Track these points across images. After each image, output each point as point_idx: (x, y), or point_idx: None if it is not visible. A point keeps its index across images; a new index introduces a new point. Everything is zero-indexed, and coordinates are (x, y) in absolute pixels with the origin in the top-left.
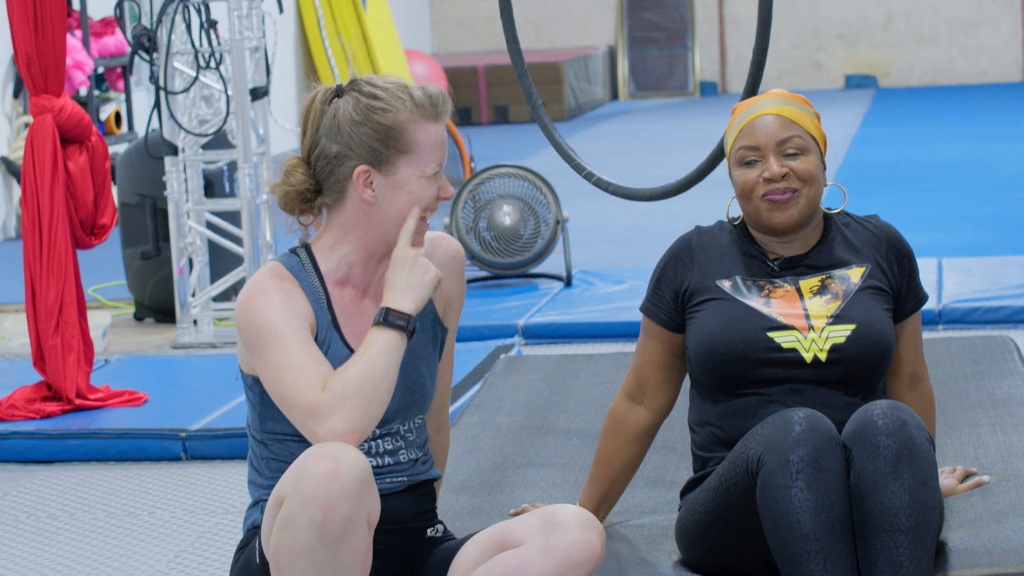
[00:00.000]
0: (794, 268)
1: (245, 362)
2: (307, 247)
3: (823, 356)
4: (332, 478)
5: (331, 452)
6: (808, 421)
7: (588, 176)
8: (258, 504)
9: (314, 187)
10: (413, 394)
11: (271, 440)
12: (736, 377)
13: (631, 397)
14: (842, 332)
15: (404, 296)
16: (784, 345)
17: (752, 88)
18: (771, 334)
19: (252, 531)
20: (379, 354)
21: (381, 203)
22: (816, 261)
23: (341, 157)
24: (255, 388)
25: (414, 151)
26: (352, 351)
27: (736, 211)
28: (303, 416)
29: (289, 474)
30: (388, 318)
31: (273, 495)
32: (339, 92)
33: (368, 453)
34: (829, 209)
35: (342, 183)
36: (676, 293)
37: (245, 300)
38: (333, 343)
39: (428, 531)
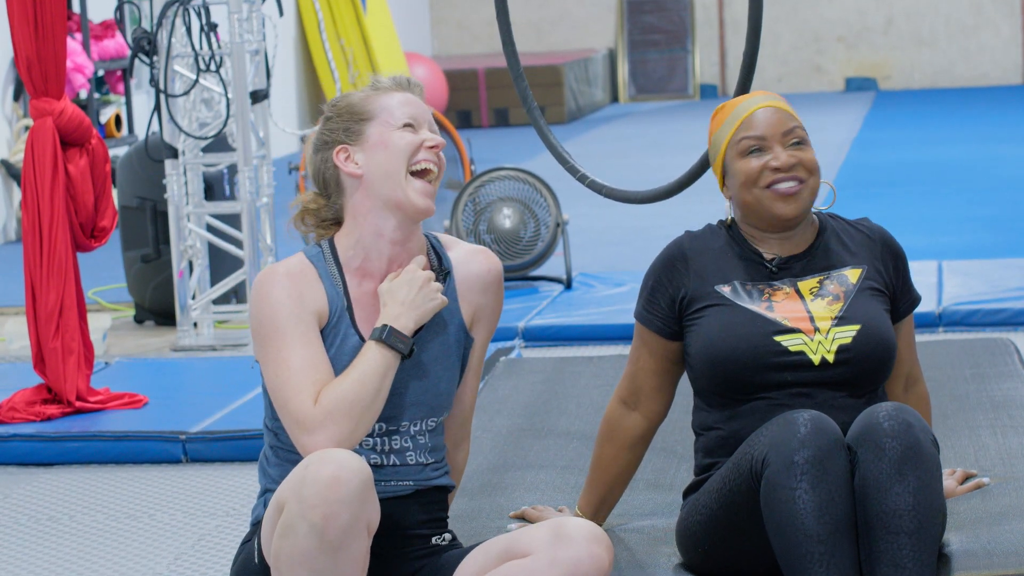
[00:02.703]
0: (790, 269)
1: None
2: (330, 239)
3: (831, 357)
4: (334, 485)
5: (333, 458)
6: (813, 423)
7: (582, 178)
8: (265, 495)
9: (326, 202)
10: (426, 393)
11: (280, 429)
12: (743, 383)
13: (625, 403)
14: (848, 333)
15: (405, 315)
16: (791, 348)
17: (743, 92)
18: (778, 338)
19: (256, 526)
20: (372, 374)
21: (368, 168)
22: (812, 262)
23: (326, 156)
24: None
25: (379, 114)
26: (360, 336)
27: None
28: (291, 424)
29: (290, 479)
30: (388, 337)
31: (273, 500)
32: None
33: (373, 450)
34: (820, 209)
35: (335, 174)
36: (673, 300)
37: (256, 286)
38: (345, 329)
39: (434, 539)
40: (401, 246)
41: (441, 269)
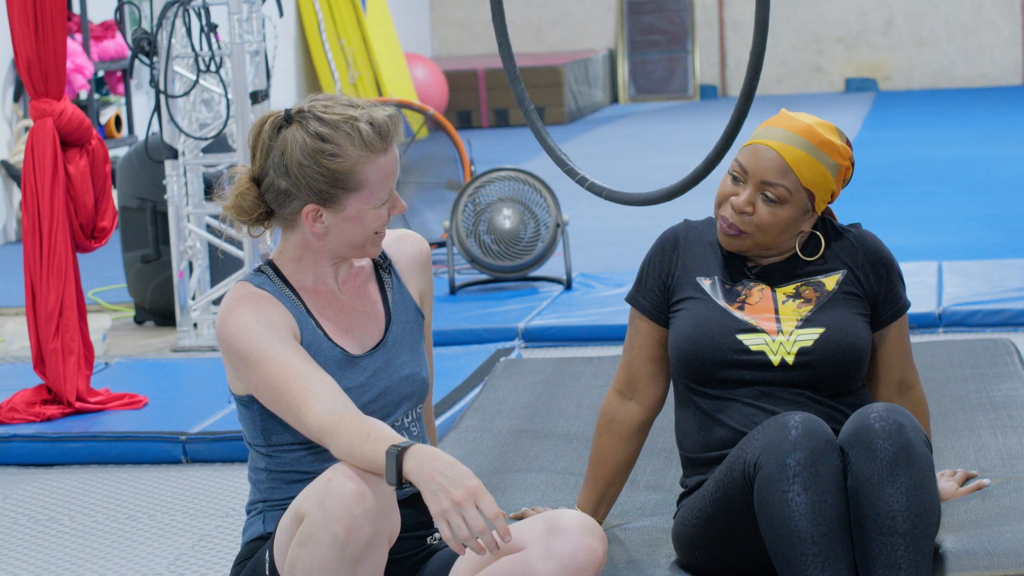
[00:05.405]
0: (771, 277)
1: (235, 384)
2: (271, 263)
3: (790, 359)
4: (359, 498)
5: (358, 472)
6: (804, 425)
7: (581, 181)
8: (258, 516)
9: (265, 211)
10: (413, 383)
11: (277, 452)
12: (705, 378)
13: (622, 394)
14: (810, 336)
15: (429, 484)
16: (752, 347)
17: (748, 93)
18: (740, 336)
19: (252, 544)
20: (360, 457)
21: (333, 233)
22: (793, 269)
23: (290, 194)
24: (253, 406)
25: (363, 188)
26: (340, 348)
27: None
28: (317, 435)
29: (312, 491)
30: (398, 473)
31: (292, 511)
32: (288, 119)
33: None
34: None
35: (292, 216)
36: (662, 284)
37: (221, 325)
38: (321, 345)
39: (427, 539)
40: (349, 261)
41: (385, 260)
